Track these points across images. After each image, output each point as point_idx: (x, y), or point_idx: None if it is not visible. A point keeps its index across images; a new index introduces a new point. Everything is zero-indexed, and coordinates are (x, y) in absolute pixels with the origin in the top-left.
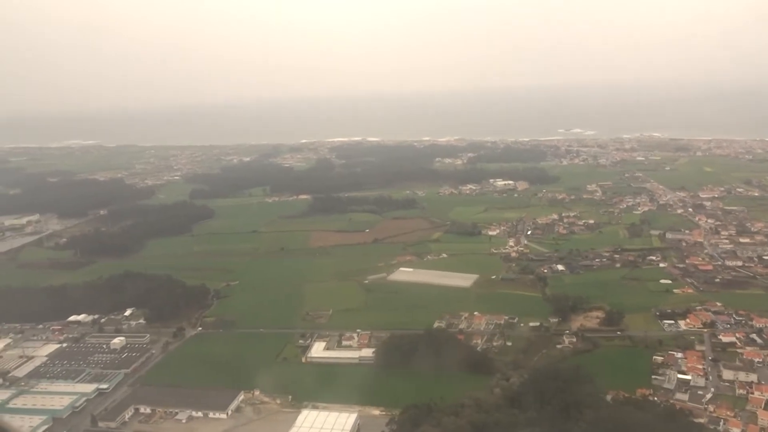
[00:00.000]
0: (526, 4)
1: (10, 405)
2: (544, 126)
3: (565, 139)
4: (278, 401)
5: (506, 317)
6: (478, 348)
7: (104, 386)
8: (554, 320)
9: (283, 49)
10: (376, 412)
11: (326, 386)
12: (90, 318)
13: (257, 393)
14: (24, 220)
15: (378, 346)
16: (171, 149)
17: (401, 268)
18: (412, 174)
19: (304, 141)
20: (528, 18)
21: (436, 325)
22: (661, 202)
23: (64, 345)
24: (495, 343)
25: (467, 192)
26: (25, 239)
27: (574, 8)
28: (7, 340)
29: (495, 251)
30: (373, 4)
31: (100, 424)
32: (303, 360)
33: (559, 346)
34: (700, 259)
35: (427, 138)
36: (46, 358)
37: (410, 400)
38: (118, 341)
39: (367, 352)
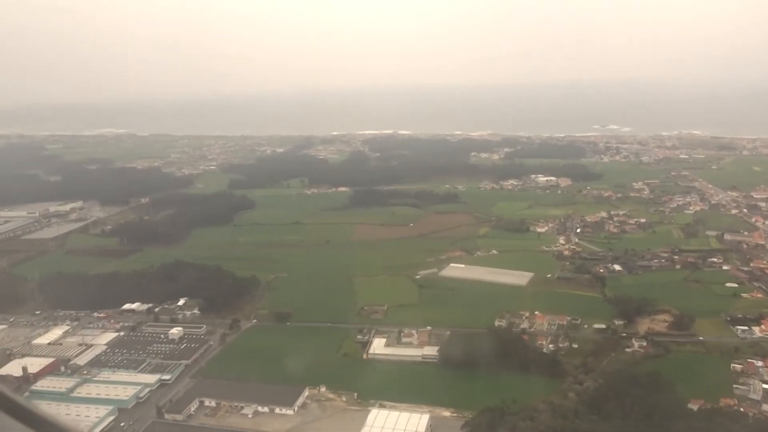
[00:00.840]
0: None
1: (75, 394)
2: (578, 122)
3: (602, 136)
4: (344, 398)
5: (569, 318)
6: (544, 349)
7: (166, 377)
8: (619, 323)
9: (313, 41)
10: (447, 413)
11: (391, 384)
12: (144, 307)
13: (323, 389)
14: (68, 207)
15: (440, 344)
16: (204, 139)
17: (452, 264)
18: (449, 168)
19: (335, 133)
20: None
21: (496, 323)
22: (713, 202)
23: (122, 334)
24: (560, 345)
25: (509, 187)
26: (70, 226)
27: (599, 5)
28: (65, 327)
29: (546, 249)
30: None
31: (166, 416)
32: (364, 356)
33: (628, 350)
34: (765, 262)
35: (459, 132)
36: (105, 347)
37: (480, 401)
38: (176, 331)
39: (430, 350)
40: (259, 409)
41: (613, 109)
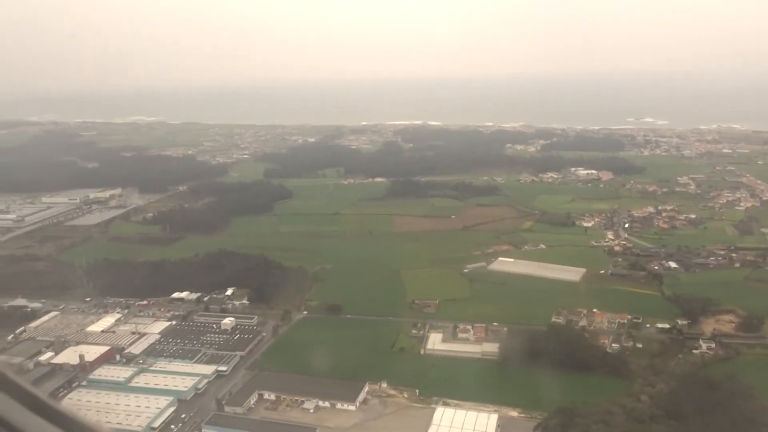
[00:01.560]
0: None
1: (133, 383)
2: (611, 114)
3: (639, 129)
4: (405, 395)
5: (629, 316)
6: (608, 349)
7: (223, 368)
8: (683, 322)
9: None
10: (513, 413)
11: (452, 382)
12: (193, 296)
13: (384, 385)
14: (107, 194)
15: (499, 340)
16: (234, 128)
17: (500, 258)
18: (486, 160)
19: (365, 123)
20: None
21: (553, 320)
22: (764, 198)
23: (174, 323)
24: (624, 345)
25: (549, 180)
26: (111, 213)
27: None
28: (117, 315)
29: (596, 244)
30: None
31: (227, 408)
32: (421, 352)
33: (696, 352)
34: None
35: (490, 124)
36: (158, 336)
37: (548, 402)
38: (228, 321)
39: (490, 347)
40: (320, 403)
41: (646, 102)
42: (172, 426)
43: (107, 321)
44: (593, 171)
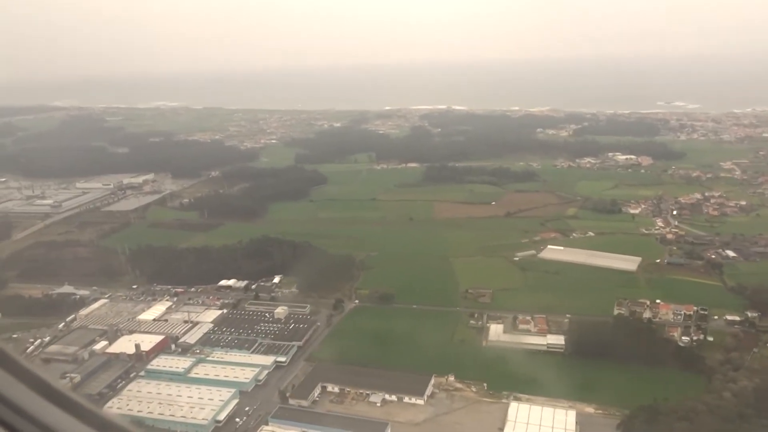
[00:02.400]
0: None
1: (192, 374)
2: (640, 98)
3: (671, 113)
4: (473, 389)
5: (695, 308)
6: (679, 342)
7: (281, 359)
8: (753, 314)
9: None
10: (589, 409)
11: (520, 375)
12: (241, 284)
13: (451, 378)
14: (140, 179)
15: (562, 332)
16: (258, 112)
17: (549, 246)
18: (518, 145)
19: (388, 108)
20: None
21: (615, 312)
22: None
23: (225, 311)
24: (694, 337)
25: (586, 166)
26: (146, 198)
27: None
28: (167, 303)
29: (646, 231)
30: None
31: (291, 401)
32: (483, 343)
33: None
34: None
35: (516, 108)
36: (211, 325)
37: (624, 397)
38: (281, 311)
39: (555, 339)
40: (387, 397)
41: (674, 86)
42: (237, 419)
43: (158, 309)
44: (632, 156)
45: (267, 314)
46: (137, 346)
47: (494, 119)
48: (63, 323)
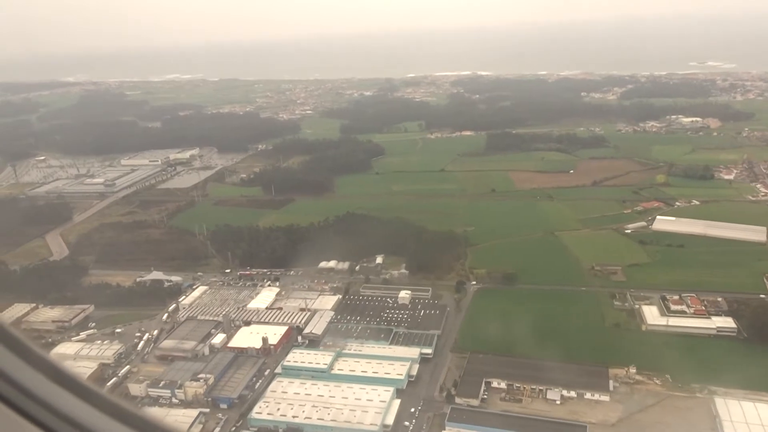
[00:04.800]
0: None
1: (336, 371)
2: (670, 58)
3: (711, 73)
4: (657, 381)
5: None
6: None
7: (426, 351)
8: None
9: None
10: None
11: (702, 364)
12: (342, 265)
13: (632, 370)
14: (187, 155)
15: (730, 314)
16: (279, 83)
17: (659, 217)
18: (570, 109)
19: (411, 75)
20: None
21: None
22: None
23: (339, 297)
24: None
25: (652, 130)
26: (199, 174)
27: None
28: (274, 289)
29: (753, 198)
30: None
31: (457, 400)
32: (642, 328)
33: None
34: None
35: (544, 72)
36: (332, 313)
37: None
38: (405, 295)
39: (723, 322)
40: (564, 393)
41: (701, 45)
42: (405, 422)
43: (267, 296)
44: (697, 119)
45: (389, 299)
46: (264, 340)
47: (530, 84)
48: (166, 314)
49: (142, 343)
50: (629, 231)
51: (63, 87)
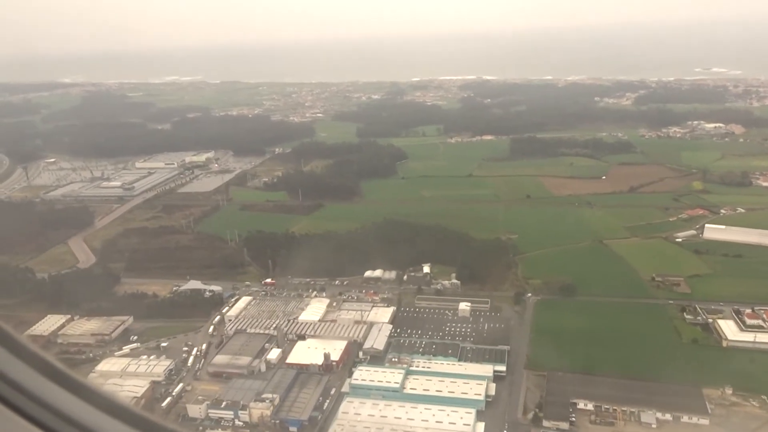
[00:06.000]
0: None
1: (409, 390)
2: (673, 64)
3: (720, 79)
4: (755, 403)
5: None
6: None
7: (499, 368)
8: None
9: None
10: None
11: None
12: (390, 274)
13: (728, 391)
14: (203, 157)
15: None
16: (283, 86)
17: (708, 225)
18: (588, 114)
19: (416, 79)
20: None
21: None
22: None
23: (393, 309)
24: None
25: (676, 135)
26: (219, 178)
27: None
28: (324, 300)
29: None
30: None
31: (545, 423)
32: (723, 344)
33: None
34: None
35: (549, 77)
36: (390, 326)
37: None
38: (465, 307)
39: None
40: (659, 416)
41: (702, 51)
42: None
43: (317, 308)
44: (720, 124)
45: (447, 312)
46: (327, 356)
47: (539, 88)
48: (211, 326)
49: (191, 358)
50: (680, 240)
51: (61, 88)
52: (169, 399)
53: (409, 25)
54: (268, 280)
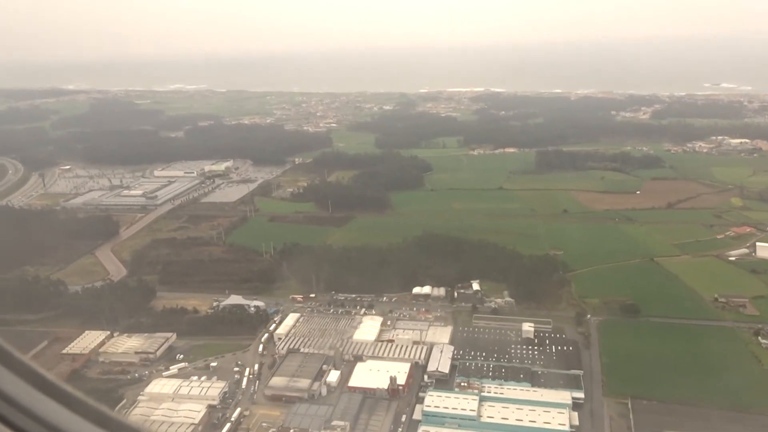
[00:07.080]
0: None
1: (486, 419)
2: (682, 79)
3: (732, 94)
4: None
5: None
6: None
7: (577, 395)
8: None
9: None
10: None
11: None
12: (439, 291)
13: None
14: (222, 166)
15: None
16: (292, 95)
17: (759, 243)
18: (608, 128)
19: (424, 90)
20: None
21: None
22: None
23: (451, 328)
24: None
25: (703, 150)
26: (241, 188)
27: None
28: (378, 318)
29: None
30: None
31: None
32: None
33: None
34: None
35: (559, 90)
36: (451, 347)
37: None
38: (528, 328)
39: None
40: None
41: (708, 66)
42: None
43: (372, 326)
44: (745, 140)
45: (510, 332)
46: (393, 379)
47: (552, 101)
48: (261, 345)
49: (245, 380)
50: (733, 258)
51: (67, 95)
52: (228, 425)
53: (414, 37)
54: (298, 296)
